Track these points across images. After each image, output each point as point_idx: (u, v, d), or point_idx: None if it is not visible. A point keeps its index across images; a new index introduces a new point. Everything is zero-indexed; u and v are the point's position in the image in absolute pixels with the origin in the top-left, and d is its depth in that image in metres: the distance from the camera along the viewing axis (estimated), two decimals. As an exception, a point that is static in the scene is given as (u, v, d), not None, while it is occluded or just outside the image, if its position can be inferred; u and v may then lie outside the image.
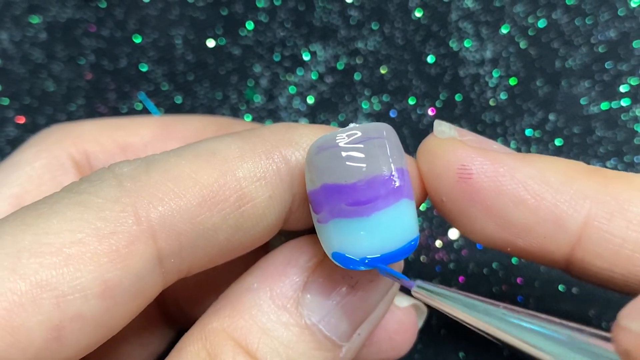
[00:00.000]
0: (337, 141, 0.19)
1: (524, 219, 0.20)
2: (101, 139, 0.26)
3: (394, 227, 0.19)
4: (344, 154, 0.19)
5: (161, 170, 0.19)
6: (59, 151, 0.26)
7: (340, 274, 0.21)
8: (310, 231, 0.22)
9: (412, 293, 0.19)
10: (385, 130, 0.20)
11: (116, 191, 0.18)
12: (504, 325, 0.16)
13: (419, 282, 0.19)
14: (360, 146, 0.19)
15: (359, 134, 0.19)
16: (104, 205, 0.18)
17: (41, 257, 0.17)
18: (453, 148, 0.21)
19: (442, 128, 0.22)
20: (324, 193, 0.19)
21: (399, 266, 0.23)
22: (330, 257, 0.20)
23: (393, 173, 0.19)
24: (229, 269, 0.22)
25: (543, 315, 0.16)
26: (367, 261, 0.19)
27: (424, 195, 0.22)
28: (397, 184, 0.19)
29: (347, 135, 0.19)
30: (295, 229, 0.22)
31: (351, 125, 0.20)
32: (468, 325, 0.17)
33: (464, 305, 0.17)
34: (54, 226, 0.17)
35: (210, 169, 0.19)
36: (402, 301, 0.25)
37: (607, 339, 0.14)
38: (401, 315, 0.25)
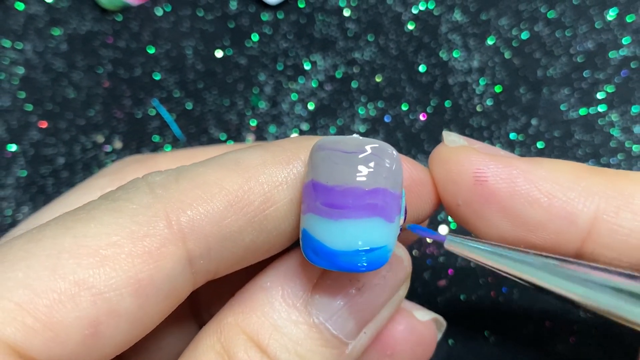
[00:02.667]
0: (337, 146, 0.18)
1: (538, 216, 0.20)
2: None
3: (358, 240, 0.18)
4: (336, 158, 0.18)
5: (189, 178, 0.19)
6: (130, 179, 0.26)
7: (347, 276, 0.21)
8: None
9: (445, 246, 0.19)
10: (387, 153, 0.19)
11: (149, 198, 0.18)
12: (527, 269, 0.16)
13: (449, 236, 0.19)
14: (355, 157, 0.18)
15: (363, 147, 0.18)
16: (137, 210, 0.18)
17: (79, 258, 0.17)
18: (467, 155, 0.21)
19: (452, 138, 0.22)
20: (310, 188, 0.19)
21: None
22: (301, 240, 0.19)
23: (372, 190, 0.18)
24: (248, 271, 0.22)
25: (567, 258, 0.16)
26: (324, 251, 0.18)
27: (437, 203, 0.22)
28: (373, 202, 0.18)
29: (350, 144, 0.18)
30: None
31: (362, 138, 0.19)
32: (498, 272, 0.17)
33: (492, 253, 0.17)
34: (91, 230, 0.17)
35: (235, 176, 0.19)
36: (424, 315, 0.25)
37: (634, 277, 0.14)
38: (422, 329, 0.24)
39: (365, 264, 0.18)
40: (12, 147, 0.35)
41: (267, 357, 0.19)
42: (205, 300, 0.26)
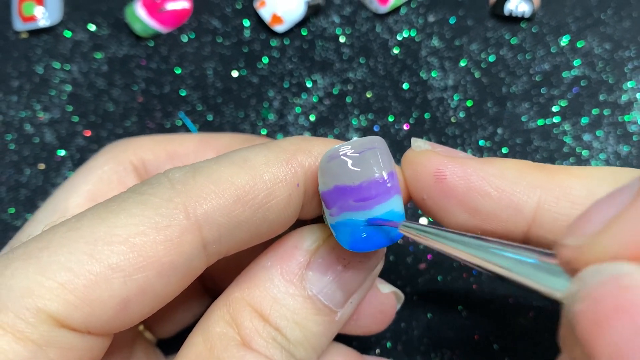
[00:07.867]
0: (342, 152, 0.20)
1: (490, 207, 0.21)
2: (154, 150, 0.27)
3: (387, 214, 0.19)
4: (348, 162, 0.19)
5: (205, 175, 0.19)
6: (122, 159, 0.27)
7: (335, 255, 0.21)
8: (313, 221, 0.23)
9: (399, 230, 0.19)
10: (377, 142, 0.20)
11: (170, 192, 0.19)
12: (471, 250, 0.16)
13: (404, 222, 0.19)
14: (358, 155, 0.19)
15: (358, 145, 0.20)
16: (160, 204, 0.18)
17: (112, 246, 0.18)
18: (429, 157, 0.21)
19: (418, 143, 0.22)
20: (336, 193, 0.20)
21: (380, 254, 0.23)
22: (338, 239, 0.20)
23: (386, 177, 0.20)
24: (250, 252, 0.22)
25: (505, 242, 0.16)
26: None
27: (408, 196, 0.22)
28: (390, 184, 0.20)
29: (349, 147, 0.20)
30: (306, 218, 0.23)
31: (354, 139, 0.20)
32: (445, 253, 0.18)
33: (439, 237, 0.18)
34: (121, 221, 0.18)
35: (243, 173, 0.20)
36: (385, 288, 0.26)
37: (551, 255, 0.15)
38: (383, 299, 0.25)
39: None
40: (62, 152, 0.37)
41: (268, 325, 0.20)
42: (217, 274, 0.27)
